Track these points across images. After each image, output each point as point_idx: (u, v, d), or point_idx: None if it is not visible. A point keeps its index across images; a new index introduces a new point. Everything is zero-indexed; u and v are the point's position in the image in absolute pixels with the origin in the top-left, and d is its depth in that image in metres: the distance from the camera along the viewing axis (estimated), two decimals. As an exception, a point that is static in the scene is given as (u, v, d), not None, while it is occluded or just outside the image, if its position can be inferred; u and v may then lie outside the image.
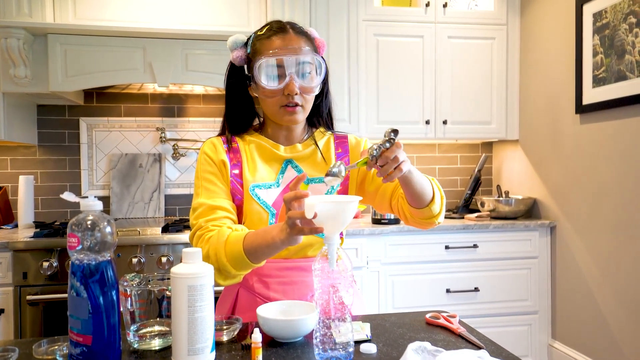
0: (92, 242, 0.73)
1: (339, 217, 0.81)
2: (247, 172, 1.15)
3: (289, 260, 1.14)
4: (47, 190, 2.73)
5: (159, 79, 2.38)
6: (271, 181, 1.16)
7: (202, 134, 2.88)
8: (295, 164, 1.19)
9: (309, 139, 1.23)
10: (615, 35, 2.21)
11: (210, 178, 1.15)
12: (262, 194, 1.14)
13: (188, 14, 2.46)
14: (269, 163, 1.18)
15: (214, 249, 1.03)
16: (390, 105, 2.78)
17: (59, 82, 2.30)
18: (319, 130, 1.26)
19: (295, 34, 1.12)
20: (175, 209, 2.86)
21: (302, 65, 1.09)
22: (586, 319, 2.44)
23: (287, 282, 1.14)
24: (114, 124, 2.80)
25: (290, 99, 1.10)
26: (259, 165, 1.17)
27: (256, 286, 1.14)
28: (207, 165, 1.16)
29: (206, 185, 1.14)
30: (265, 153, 1.19)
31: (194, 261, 0.79)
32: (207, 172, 1.16)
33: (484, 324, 2.58)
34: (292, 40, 1.10)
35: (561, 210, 2.61)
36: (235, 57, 1.17)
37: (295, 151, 1.20)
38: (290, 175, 1.18)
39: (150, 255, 2.19)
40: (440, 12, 2.81)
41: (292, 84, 1.08)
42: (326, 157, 1.21)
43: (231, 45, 1.17)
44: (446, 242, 2.54)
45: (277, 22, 1.16)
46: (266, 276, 1.14)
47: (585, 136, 2.43)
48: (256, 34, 1.15)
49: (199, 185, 1.15)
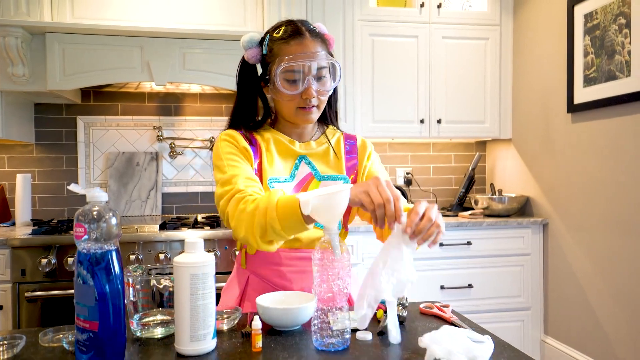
0: (98, 232, 0.75)
1: (332, 208, 0.85)
2: (266, 164, 1.17)
3: (301, 250, 1.18)
4: (45, 189, 2.75)
5: (157, 78, 2.40)
6: (286, 175, 1.20)
7: (199, 132, 2.90)
8: (308, 160, 1.23)
9: (322, 136, 1.27)
10: (605, 35, 2.25)
11: (235, 159, 1.12)
12: (278, 187, 1.17)
13: (185, 13, 2.49)
14: (285, 157, 1.21)
15: (263, 205, 0.97)
16: (386, 104, 2.81)
17: (56, 81, 2.32)
18: (331, 128, 1.30)
19: (311, 37, 1.14)
20: (172, 207, 2.88)
21: (319, 70, 1.13)
22: (578, 314, 2.49)
23: (298, 270, 1.18)
24: (111, 123, 2.82)
25: (308, 102, 1.14)
26: (275, 159, 1.19)
27: (269, 274, 1.18)
28: (229, 147, 1.14)
29: (232, 164, 1.11)
30: (282, 148, 1.21)
31: (196, 251, 0.82)
32: (231, 153, 1.13)
33: (477, 319, 2.61)
34: (309, 46, 1.12)
35: (553, 207, 2.66)
36: (250, 56, 1.19)
37: (310, 148, 1.24)
38: (303, 171, 1.21)
39: (148, 252, 2.22)
40: (435, 13, 2.85)
41: (311, 89, 1.12)
42: (337, 155, 1.26)
43: (246, 44, 1.19)
44: (441, 239, 2.57)
45: (291, 23, 1.17)
46: (279, 265, 1.18)
47: (577, 135, 2.47)
48: (272, 35, 1.16)
49: (222, 165, 1.11)
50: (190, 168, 2.91)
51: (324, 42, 1.18)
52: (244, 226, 1.00)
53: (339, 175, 1.22)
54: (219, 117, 2.91)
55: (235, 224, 1.03)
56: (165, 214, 2.87)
